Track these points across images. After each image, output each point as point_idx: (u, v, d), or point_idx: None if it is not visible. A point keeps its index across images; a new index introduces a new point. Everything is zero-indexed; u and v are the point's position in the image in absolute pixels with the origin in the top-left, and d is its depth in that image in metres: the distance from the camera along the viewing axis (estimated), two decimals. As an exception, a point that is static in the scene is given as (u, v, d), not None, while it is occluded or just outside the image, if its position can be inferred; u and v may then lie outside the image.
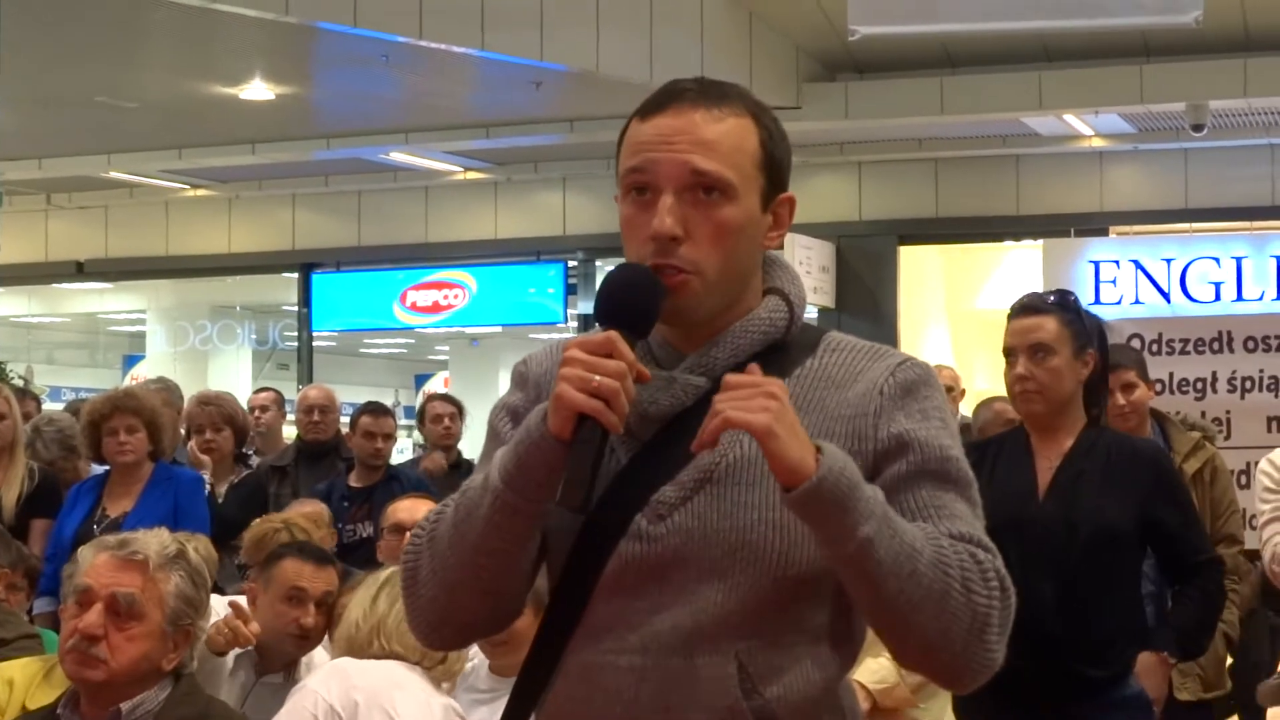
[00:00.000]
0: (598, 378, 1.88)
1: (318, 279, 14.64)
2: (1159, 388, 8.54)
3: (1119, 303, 11.34)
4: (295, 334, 15.26)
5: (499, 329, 15.88)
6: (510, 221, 13.93)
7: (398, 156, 12.88)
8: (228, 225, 14.82)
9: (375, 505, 6.58)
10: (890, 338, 12.45)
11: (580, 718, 2.05)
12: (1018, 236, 13.32)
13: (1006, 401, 5.40)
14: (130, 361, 19.05)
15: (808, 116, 11.35)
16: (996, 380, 4.51)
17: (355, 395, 11.58)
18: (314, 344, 14.99)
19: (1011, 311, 4.16)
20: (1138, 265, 11.54)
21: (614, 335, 1.91)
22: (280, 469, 7.81)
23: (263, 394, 9.31)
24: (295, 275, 14.87)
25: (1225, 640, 5.36)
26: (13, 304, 18.04)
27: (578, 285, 13.83)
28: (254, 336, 17.32)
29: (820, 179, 12.49)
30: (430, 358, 22.96)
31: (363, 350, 22.45)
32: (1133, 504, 4.03)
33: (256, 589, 4.40)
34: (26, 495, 6.36)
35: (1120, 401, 5.22)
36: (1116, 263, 11.57)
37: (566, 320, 13.82)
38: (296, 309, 14.94)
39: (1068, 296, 4.21)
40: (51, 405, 11.53)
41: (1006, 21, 9.43)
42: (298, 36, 9.46)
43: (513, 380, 2.18)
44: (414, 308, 14.30)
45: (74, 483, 6.60)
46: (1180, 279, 11.42)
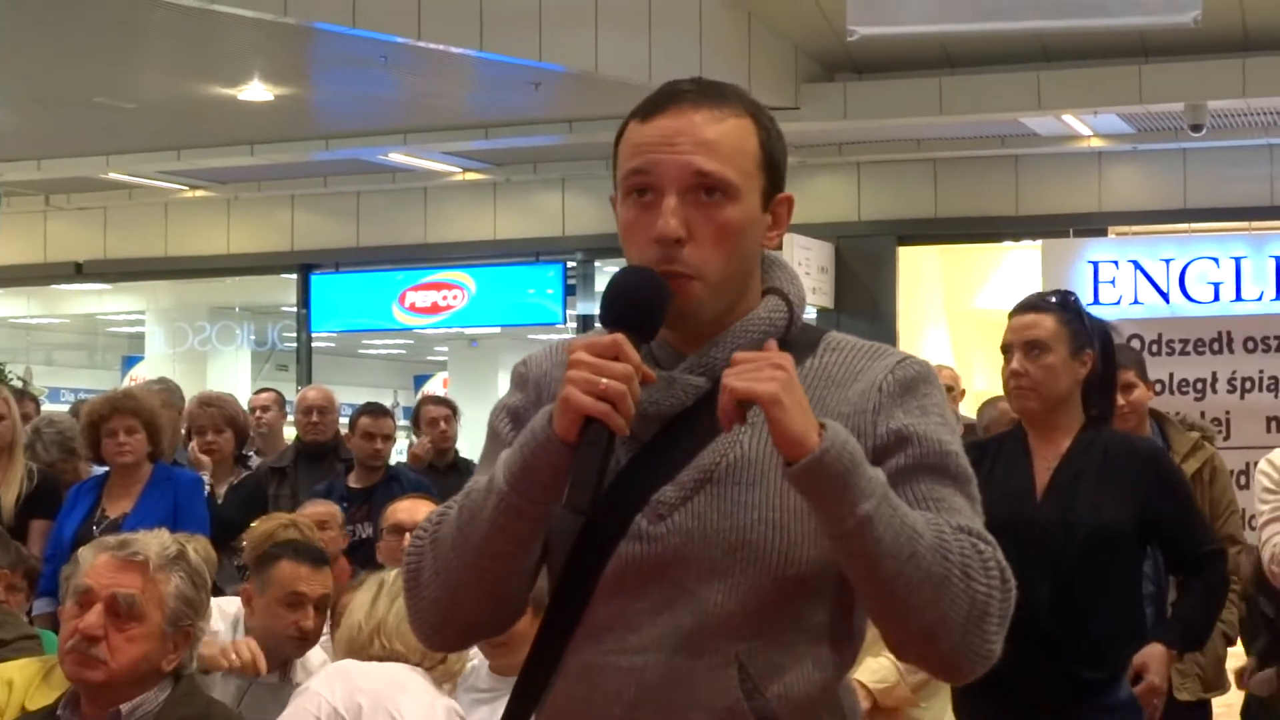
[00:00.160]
0: (605, 380, 1.87)
1: (316, 280, 14.64)
2: (1159, 388, 8.55)
3: (1118, 303, 11.35)
4: (294, 335, 15.27)
5: (498, 330, 15.88)
6: (509, 222, 13.93)
7: (396, 157, 12.88)
8: (226, 226, 14.82)
9: (375, 506, 6.58)
10: (889, 338, 12.45)
11: (580, 718, 2.04)
12: (1017, 237, 13.32)
13: None
14: (129, 363, 19.05)
15: (806, 117, 11.35)
16: (996, 380, 4.51)
17: (354, 396, 11.57)
18: (313, 345, 14.99)
19: (1013, 309, 4.17)
20: (1136, 265, 11.54)
21: (620, 338, 1.91)
22: (279, 470, 7.80)
23: (264, 394, 9.31)
24: (294, 276, 14.88)
25: (1225, 640, 5.36)
26: (11, 305, 18.04)
27: (577, 286, 13.84)
28: (253, 337, 17.31)
29: (819, 179, 12.49)
30: (429, 358, 22.97)
31: (361, 351, 22.44)
32: (1131, 503, 4.03)
33: (251, 591, 4.39)
34: (26, 496, 6.36)
35: (1119, 401, 5.22)
36: (1115, 263, 11.58)
37: (565, 321, 13.82)
38: (295, 310, 14.94)
39: (1069, 297, 4.22)
40: (50, 406, 11.54)
41: (1005, 22, 9.43)
42: (296, 37, 9.46)
43: (512, 381, 2.18)
44: (413, 308, 14.30)
45: (74, 484, 6.60)
46: (1179, 279, 11.42)
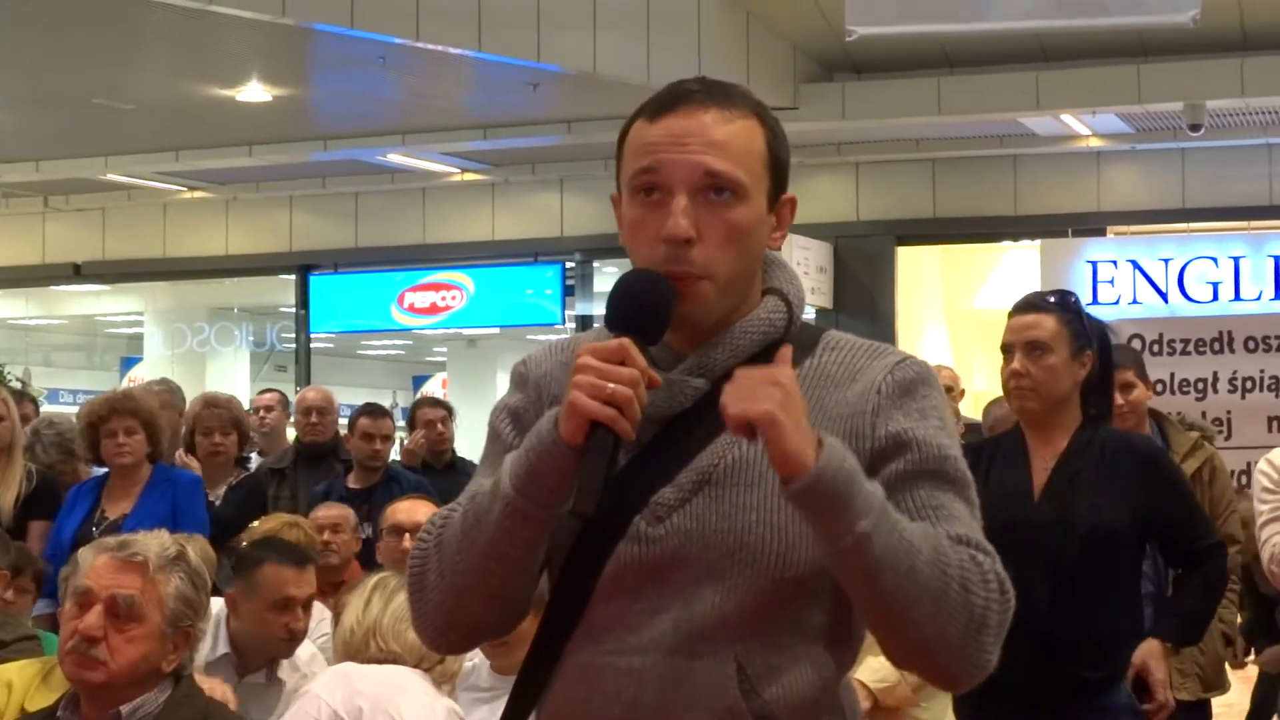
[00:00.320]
0: (611, 385, 1.87)
1: (315, 280, 14.64)
2: (1160, 388, 8.57)
3: (1117, 303, 11.36)
4: (293, 336, 15.26)
5: (497, 330, 15.88)
6: (507, 223, 13.93)
7: (395, 158, 12.88)
8: (225, 227, 14.82)
9: (374, 507, 6.58)
10: (888, 338, 12.45)
11: (579, 718, 2.04)
12: (1015, 237, 13.32)
13: None
14: (128, 364, 19.04)
15: (805, 117, 11.35)
16: (995, 380, 4.50)
17: (353, 397, 11.56)
18: (312, 345, 14.99)
19: (1012, 309, 4.16)
20: (1135, 265, 11.55)
21: (626, 342, 1.91)
22: (278, 471, 7.80)
23: (268, 394, 9.35)
24: (293, 277, 14.87)
25: (1224, 640, 5.36)
26: (10, 306, 18.04)
27: (575, 286, 13.84)
28: (252, 338, 17.30)
29: (818, 179, 12.48)
30: (428, 359, 22.97)
31: (360, 352, 22.45)
32: (1129, 501, 4.03)
33: (236, 595, 4.37)
34: (25, 497, 6.35)
35: (1118, 401, 5.21)
36: (1114, 263, 11.59)
37: (564, 321, 13.81)
38: (294, 311, 14.94)
39: (1069, 297, 4.21)
40: (49, 407, 11.53)
41: (1004, 21, 9.44)
42: (295, 38, 9.46)
43: (512, 381, 2.17)
44: (412, 309, 14.29)
45: (73, 485, 6.59)
46: (1178, 279, 11.43)
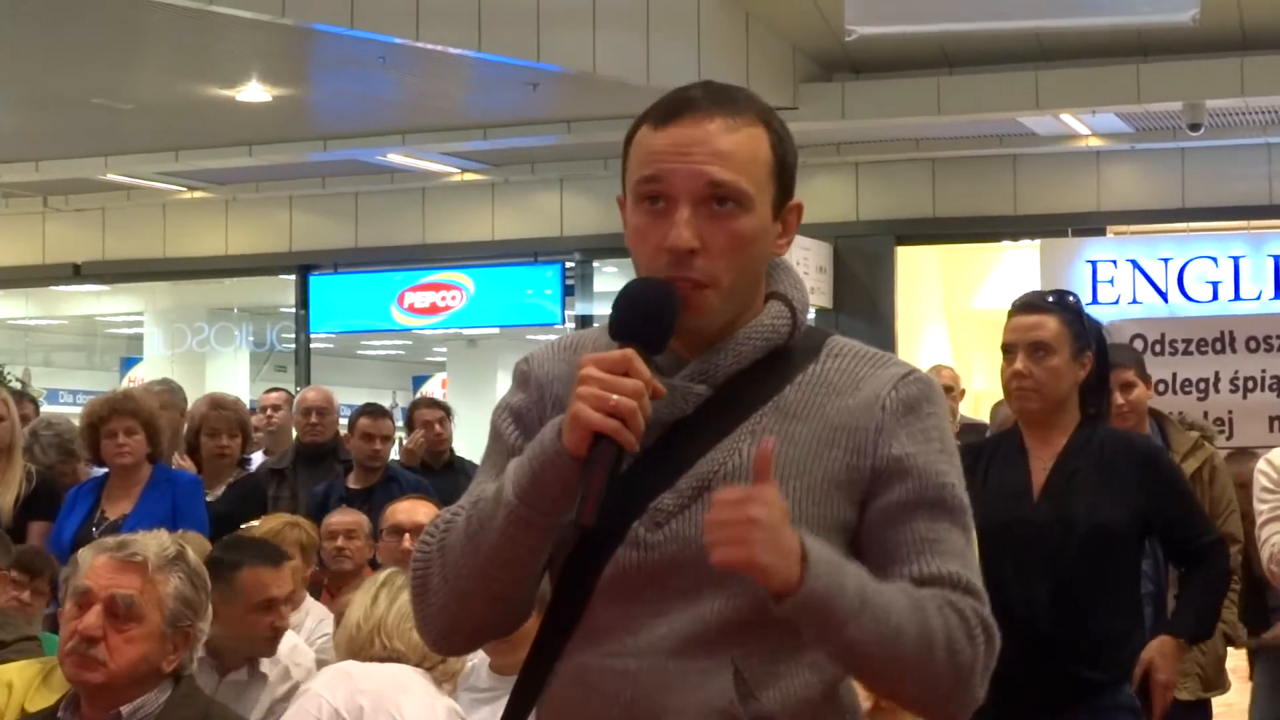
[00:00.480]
0: (615, 397, 1.87)
1: (315, 281, 14.64)
2: (1161, 388, 8.56)
3: (1116, 302, 11.36)
4: (293, 336, 15.25)
5: (496, 330, 15.87)
6: (507, 222, 13.92)
7: (395, 158, 12.88)
8: (225, 227, 14.82)
9: (374, 507, 6.57)
10: (888, 338, 12.46)
11: (577, 719, 2.05)
12: (1015, 236, 13.32)
13: None
14: (128, 364, 19.03)
15: (804, 117, 11.34)
16: (995, 380, 4.49)
17: (353, 397, 11.56)
18: (312, 346, 14.98)
19: (1013, 308, 4.14)
20: (1135, 265, 11.55)
21: (631, 353, 1.91)
22: (278, 471, 7.81)
23: (274, 394, 9.41)
24: (293, 277, 14.87)
25: (1225, 639, 5.36)
26: (10, 306, 18.03)
27: (575, 286, 13.84)
28: (251, 338, 17.30)
29: (817, 179, 12.48)
30: (428, 359, 22.97)
31: (360, 352, 22.44)
32: (1129, 500, 4.03)
33: (215, 600, 4.35)
34: (24, 498, 6.35)
35: (1119, 401, 5.22)
36: (1114, 262, 11.59)
37: (564, 321, 13.81)
38: (294, 311, 14.93)
39: (1069, 297, 4.20)
40: (49, 408, 11.53)
41: (1003, 21, 9.44)
42: (294, 38, 9.46)
43: (514, 379, 2.17)
44: (412, 309, 14.29)
45: (73, 485, 6.59)
46: (1178, 278, 11.43)
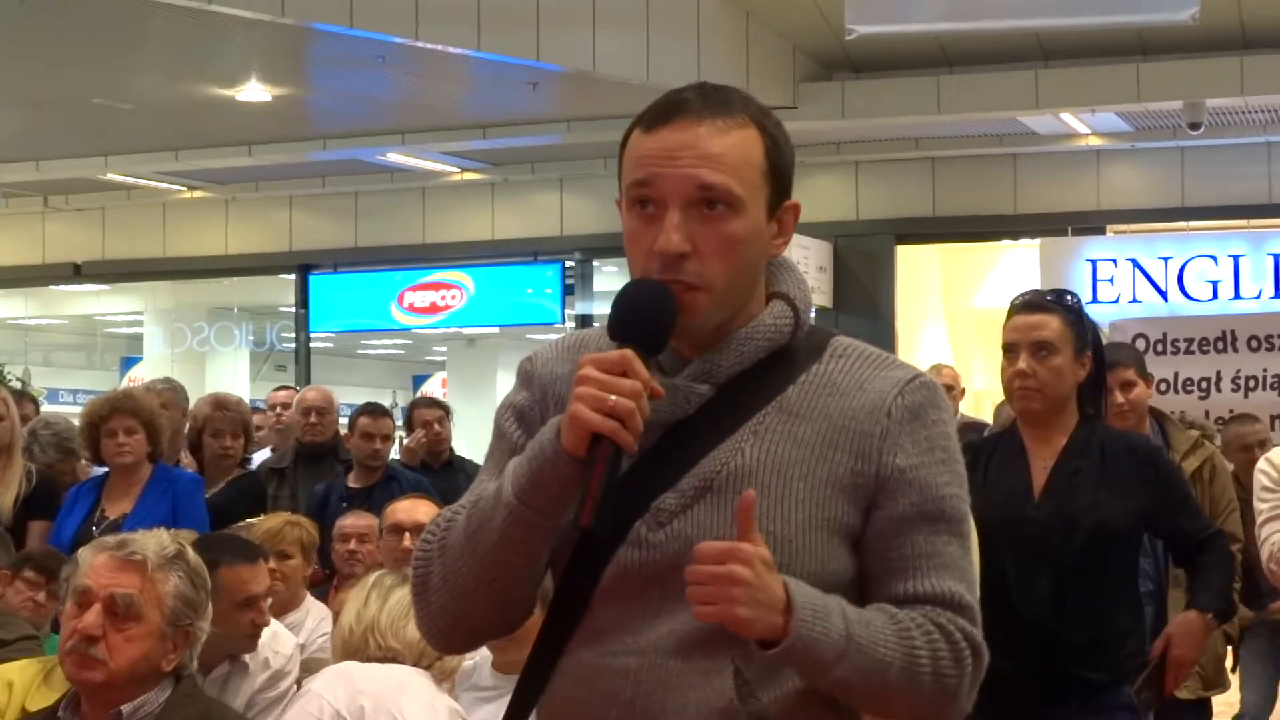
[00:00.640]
0: (613, 397, 1.87)
1: (315, 280, 14.64)
2: (1163, 387, 8.56)
3: (1116, 301, 11.37)
4: (293, 335, 15.26)
5: (496, 329, 15.87)
6: (507, 222, 13.93)
7: (394, 157, 12.88)
8: (225, 227, 14.82)
9: (374, 506, 6.57)
10: (888, 337, 12.46)
11: (578, 718, 2.05)
12: (1015, 235, 13.33)
13: None
14: (128, 363, 19.04)
15: (804, 116, 11.35)
16: (994, 379, 4.47)
17: (353, 396, 11.57)
18: (311, 345, 14.99)
19: (1014, 307, 4.12)
20: (1135, 264, 11.55)
21: (629, 354, 1.91)
22: (278, 470, 7.81)
23: (283, 392, 9.48)
24: (292, 276, 14.87)
25: (1225, 639, 5.36)
26: (10, 306, 18.04)
27: (575, 285, 13.84)
28: (251, 338, 17.31)
29: (817, 179, 12.48)
30: (428, 358, 22.98)
31: (360, 351, 22.45)
32: (1130, 499, 4.03)
33: None
34: (24, 497, 6.35)
35: (1119, 399, 5.22)
36: (1114, 261, 11.60)
37: (564, 320, 13.81)
38: (294, 310, 14.94)
39: (1070, 297, 4.19)
40: (49, 407, 11.53)
41: (1003, 20, 9.44)
42: (294, 38, 9.46)
43: (518, 378, 2.17)
44: (411, 309, 14.29)
45: (73, 485, 6.59)
46: (1178, 277, 11.44)
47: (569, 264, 13.83)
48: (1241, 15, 10.39)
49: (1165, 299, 11.38)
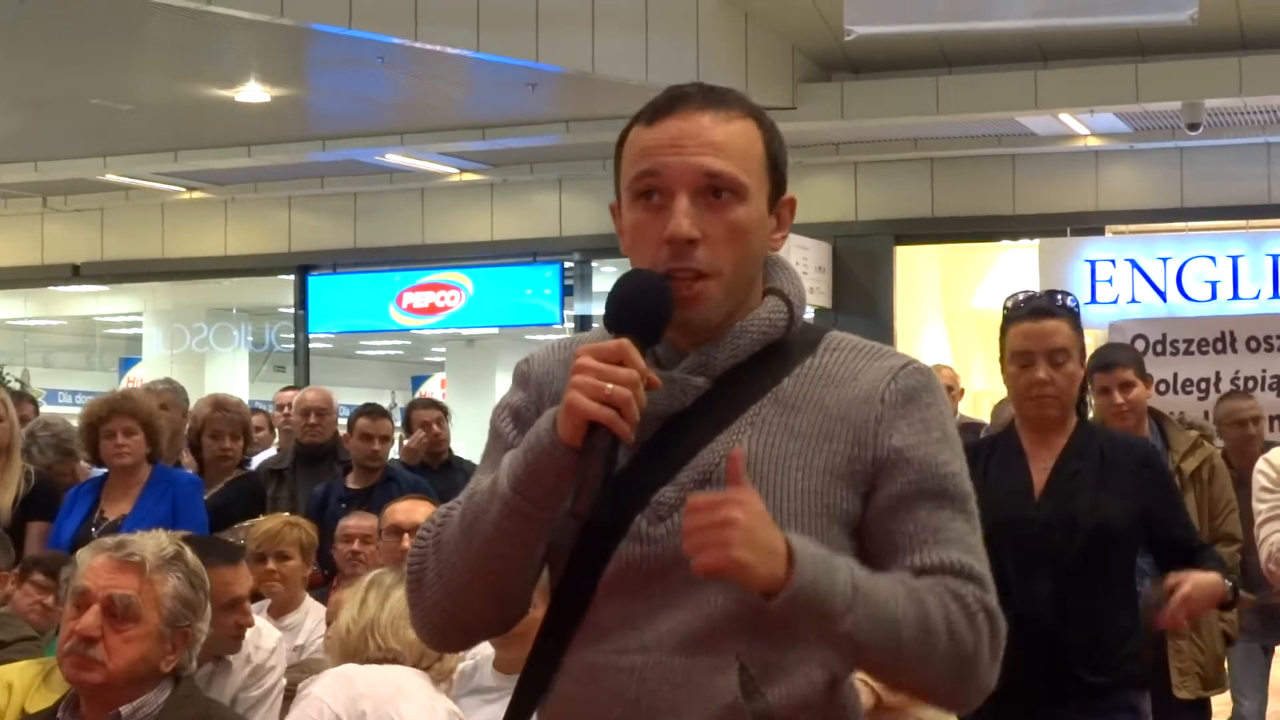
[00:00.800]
0: (610, 386, 1.88)
1: (314, 281, 14.64)
2: (1162, 387, 8.57)
3: (1115, 302, 11.37)
4: (292, 336, 15.26)
5: (495, 330, 15.87)
6: (506, 223, 13.92)
7: (393, 158, 12.88)
8: (224, 227, 14.82)
9: (373, 507, 6.57)
10: (887, 338, 12.45)
11: (582, 717, 2.04)
12: (1014, 236, 13.32)
13: None
14: (127, 364, 19.04)
15: (803, 117, 11.35)
16: (994, 380, 4.46)
17: (352, 397, 11.56)
18: (310, 346, 14.99)
19: (1018, 313, 4.06)
20: (1134, 264, 11.55)
21: (626, 343, 1.91)
22: (278, 471, 7.81)
23: (289, 392, 9.56)
24: (291, 277, 14.87)
25: (1225, 639, 5.36)
26: (9, 307, 18.03)
27: (574, 286, 13.83)
28: (250, 339, 17.31)
29: (816, 179, 12.48)
30: (427, 359, 22.98)
31: (359, 352, 22.46)
32: (1128, 500, 4.02)
33: None
34: (23, 498, 6.35)
35: (1118, 400, 5.22)
36: (1112, 262, 11.60)
37: (563, 321, 13.81)
38: (293, 311, 14.94)
39: (1070, 298, 4.18)
40: (48, 408, 11.53)
41: (1002, 21, 9.44)
42: (293, 38, 9.46)
43: (514, 379, 2.18)
44: (410, 309, 14.29)
45: (72, 486, 6.58)
46: (1176, 278, 11.44)
47: (568, 265, 13.83)
48: (1240, 16, 10.39)
49: (1164, 300, 11.38)
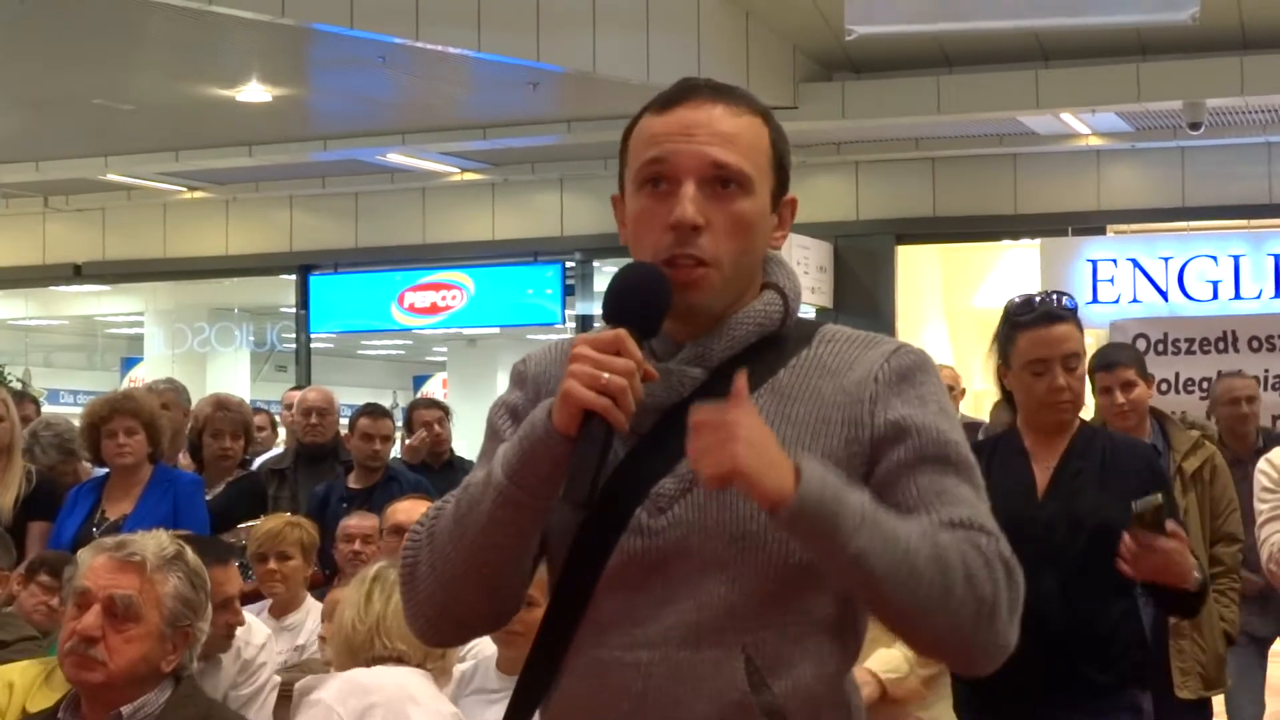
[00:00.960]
0: (606, 375, 1.88)
1: (315, 280, 14.64)
2: (1164, 387, 8.57)
3: (1116, 301, 11.37)
4: (293, 336, 15.26)
5: (497, 330, 15.88)
6: (507, 222, 13.93)
7: (395, 158, 12.88)
8: (225, 227, 14.82)
9: (374, 506, 6.57)
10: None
11: (588, 714, 2.04)
12: (1015, 235, 13.33)
13: None
14: (128, 364, 19.06)
15: (805, 116, 11.35)
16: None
17: (353, 397, 11.56)
18: (312, 345, 14.99)
19: (1028, 319, 3.99)
20: (1135, 264, 11.55)
21: (622, 333, 1.92)
22: (279, 471, 7.81)
23: (297, 392, 9.43)
24: (293, 277, 14.88)
25: (1226, 639, 5.36)
26: (10, 307, 18.04)
27: (575, 286, 13.84)
28: (252, 338, 17.32)
29: (817, 179, 12.49)
30: (428, 359, 22.99)
31: (361, 352, 22.47)
32: (1130, 499, 4.01)
33: None
34: (24, 498, 6.35)
35: (1120, 400, 5.21)
36: (1114, 261, 11.60)
37: (564, 321, 13.82)
38: (294, 311, 14.94)
39: (1068, 298, 4.16)
40: (50, 408, 11.53)
41: (1003, 20, 9.44)
42: (294, 38, 9.46)
43: (511, 379, 2.18)
44: (412, 309, 14.29)
45: (74, 485, 6.59)
46: (1178, 277, 11.44)
47: (569, 264, 13.84)
48: (1241, 15, 10.39)
49: (1166, 299, 11.38)
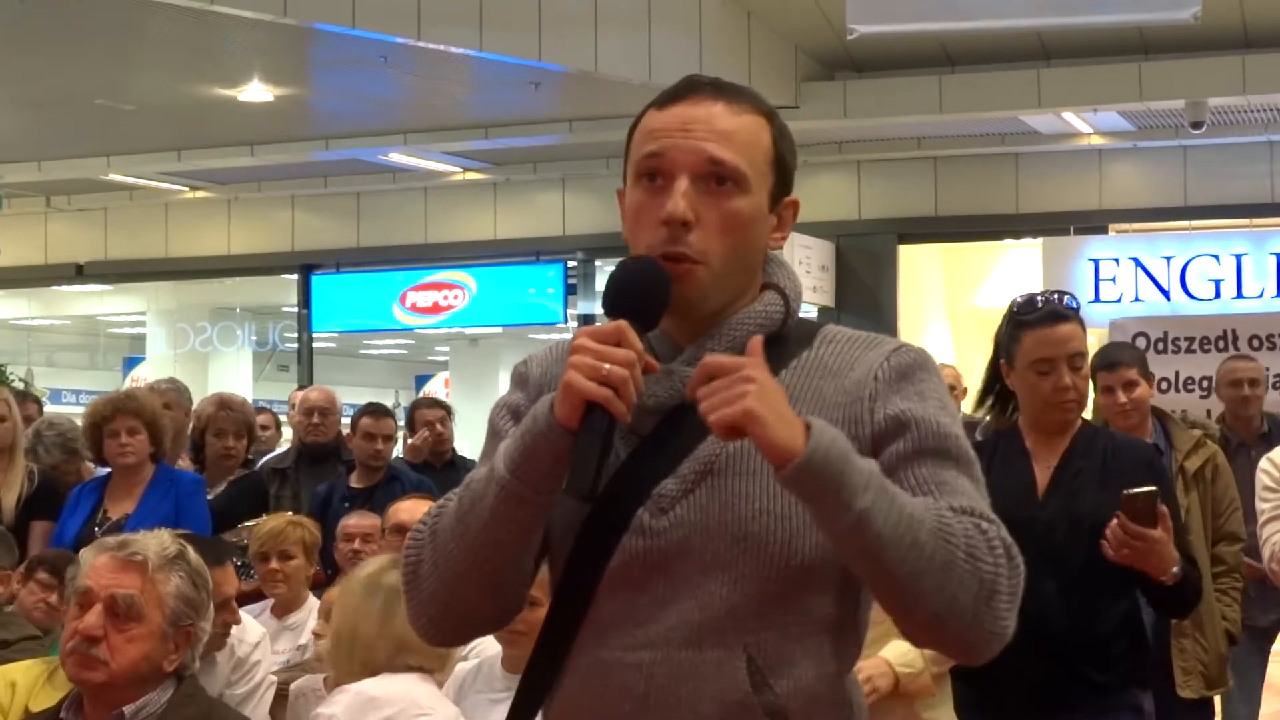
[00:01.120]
0: (607, 366, 1.88)
1: (317, 280, 14.65)
2: (1164, 386, 8.56)
3: (1119, 300, 11.37)
4: (295, 335, 15.27)
5: (499, 329, 15.89)
6: (509, 222, 13.93)
7: (396, 157, 12.89)
8: (227, 227, 14.83)
9: (376, 506, 6.57)
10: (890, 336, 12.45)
11: (590, 714, 2.04)
12: (1017, 235, 13.32)
13: None
14: (130, 364, 19.07)
15: (806, 115, 11.35)
16: (996, 379, 4.41)
17: (355, 396, 11.58)
18: (314, 345, 15.00)
19: (1034, 318, 3.99)
20: (1137, 263, 11.55)
21: (623, 325, 1.92)
22: (280, 471, 7.81)
23: (301, 392, 9.45)
24: (295, 276, 14.88)
25: (1228, 638, 5.35)
26: (12, 306, 18.06)
27: (577, 285, 13.84)
28: (254, 338, 17.32)
29: (819, 178, 12.48)
30: (430, 358, 23.00)
31: (363, 351, 22.48)
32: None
33: None
34: (26, 498, 6.36)
35: (1121, 399, 5.21)
36: (1116, 260, 11.59)
37: (566, 320, 13.82)
38: (296, 310, 14.95)
39: (1069, 297, 4.16)
40: (52, 408, 11.55)
41: (1005, 19, 9.44)
42: (296, 38, 9.46)
43: (513, 380, 2.19)
44: (414, 309, 14.30)
45: (76, 485, 6.59)
46: (1180, 276, 11.43)
47: (571, 264, 13.84)
48: (1243, 14, 10.39)
49: (1167, 298, 11.38)
